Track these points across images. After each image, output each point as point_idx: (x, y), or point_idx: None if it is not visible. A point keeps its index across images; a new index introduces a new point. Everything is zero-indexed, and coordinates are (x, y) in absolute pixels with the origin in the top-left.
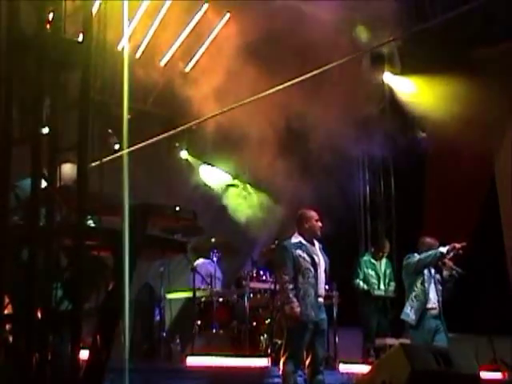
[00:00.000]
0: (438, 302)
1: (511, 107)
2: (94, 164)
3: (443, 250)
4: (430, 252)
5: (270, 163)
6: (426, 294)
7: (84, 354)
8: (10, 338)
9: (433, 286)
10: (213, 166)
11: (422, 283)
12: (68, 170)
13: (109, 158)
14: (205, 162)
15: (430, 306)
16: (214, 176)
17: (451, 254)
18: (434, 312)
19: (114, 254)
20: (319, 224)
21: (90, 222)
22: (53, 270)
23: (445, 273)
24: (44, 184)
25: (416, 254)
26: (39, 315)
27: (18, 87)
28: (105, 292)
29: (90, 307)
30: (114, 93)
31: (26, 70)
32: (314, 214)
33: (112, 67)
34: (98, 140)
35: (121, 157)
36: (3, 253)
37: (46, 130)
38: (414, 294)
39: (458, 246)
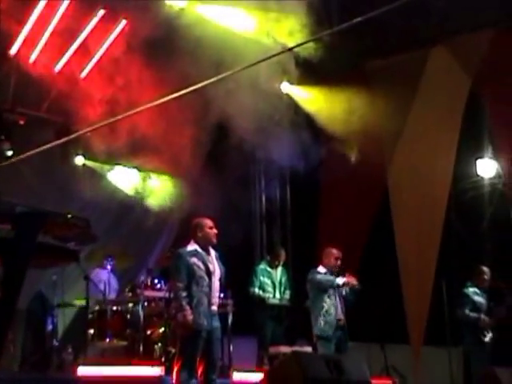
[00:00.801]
0: (343, 313)
1: (402, 119)
2: None
3: (340, 282)
4: (330, 278)
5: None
6: (335, 307)
7: None
8: None
9: (338, 299)
10: (121, 165)
11: (329, 297)
12: None
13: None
14: (113, 163)
15: (338, 317)
16: (123, 176)
17: (346, 287)
18: (341, 323)
19: (2, 262)
20: (214, 231)
21: None
22: None
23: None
24: None
25: (319, 270)
26: None
27: None
28: None
29: None
30: (6, 98)
31: None
32: (207, 222)
33: (4, 72)
34: None
35: (13, 163)
36: None
37: None
38: (324, 309)
39: (353, 283)
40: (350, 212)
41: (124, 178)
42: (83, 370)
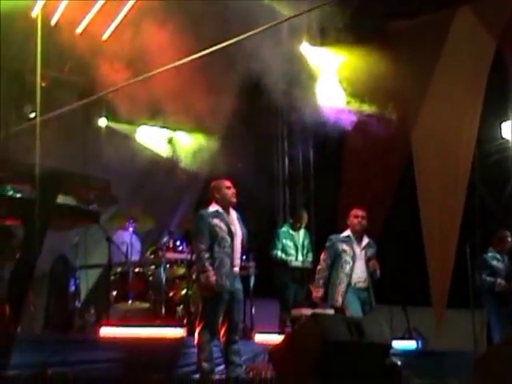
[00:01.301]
0: (366, 275)
1: (426, 82)
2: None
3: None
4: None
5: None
6: (350, 273)
7: None
8: None
9: (359, 262)
10: (146, 125)
11: (342, 267)
12: None
13: (21, 126)
14: (137, 125)
15: (357, 280)
16: (147, 138)
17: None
18: (363, 285)
19: (23, 223)
20: (232, 191)
21: None
22: None
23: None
24: None
25: (343, 234)
26: None
27: None
28: (11, 260)
29: None
30: (28, 60)
31: None
32: (225, 182)
33: (26, 34)
34: (14, 108)
35: (35, 125)
36: None
37: None
38: (338, 279)
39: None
40: (374, 174)
41: (147, 140)
42: (105, 331)
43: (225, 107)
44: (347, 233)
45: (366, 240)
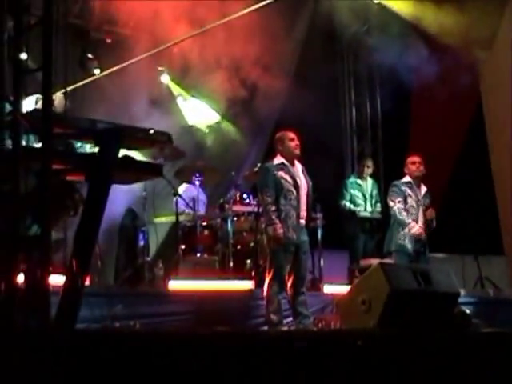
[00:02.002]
0: (424, 224)
1: (496, 22)
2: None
3: (412, 231)
4: (405, 220)
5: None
6: (416, 221)
7: (60, 280)
8: None
9: (420, 211)
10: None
11: (409, 212)
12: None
13: (84, 81)
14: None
15: (416, 229)
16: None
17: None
18: (421, 236)
19: (87, 177)
20: (295, 143)
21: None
22: (20, 196)
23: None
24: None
25: (402, 181)
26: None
27: None
28: (75, 215)
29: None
30: (92, 17)
31: None
32: (288, 134)
33: None
34: (79, 65)
35: (99, 81)
36: None
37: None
38: (401, 226)
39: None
40: (443, 122)
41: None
42: (174, 285)
43: (291, 55)
44: (407, 178)
45: (424, 188)
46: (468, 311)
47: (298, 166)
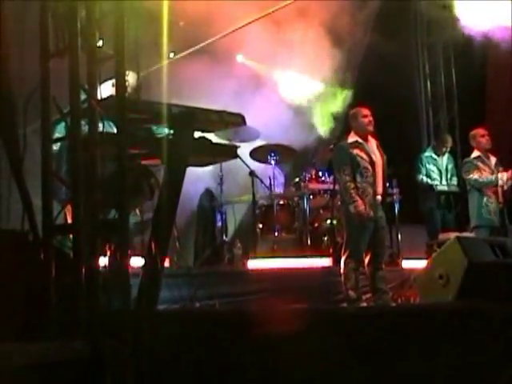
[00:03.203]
0: (502, 197)
1: None
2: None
3: (502, 180)
4: (490, 179)
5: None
6: (495, 193)
7: (139, 262)
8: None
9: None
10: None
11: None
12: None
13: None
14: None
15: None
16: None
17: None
18: (500, 207)
19: (163, 161)
20: (368, 119)
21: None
22: (98, 181)
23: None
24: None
25: (472, 157)
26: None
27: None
28: (151, 199)
29: (143, 218)
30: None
31: None
32: (362, 111)
33: None
34: (153, 48)
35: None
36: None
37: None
38: (485, 198)
39: None
40: None
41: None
42: (253, 264)
43: (365, 26)
44: (476, 153)
45: (493, 158)
46: None
47: (373, 142)
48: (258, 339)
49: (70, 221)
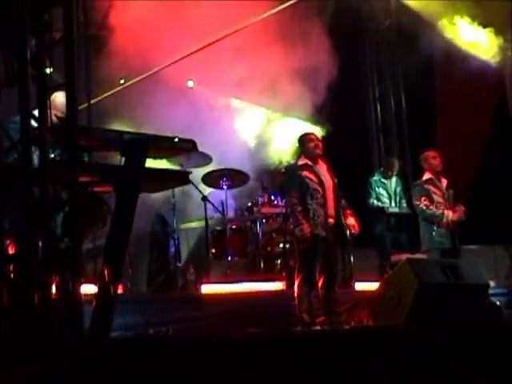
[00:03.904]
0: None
1: None
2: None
3: (447, 217)
4: (436, 214)
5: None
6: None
7: (92, 289)
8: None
9: (448, 205)
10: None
11: (437, 208)
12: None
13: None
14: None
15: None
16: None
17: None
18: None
19: (114, 188)
20: (314, 143)
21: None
22: (48, 209)
23: None
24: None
25: (423, 180)
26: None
27: (1, 29)
28: (104, 226)
29: (95, 245)
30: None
31: (7, 11)
32: (308, 136)
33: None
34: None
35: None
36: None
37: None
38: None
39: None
40: (468, 115)
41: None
42: (207, 288)
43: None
44: (428, 175)
45: (445, 181)
46: (498, 303)
47: (323, 165)
48: (213, 364)
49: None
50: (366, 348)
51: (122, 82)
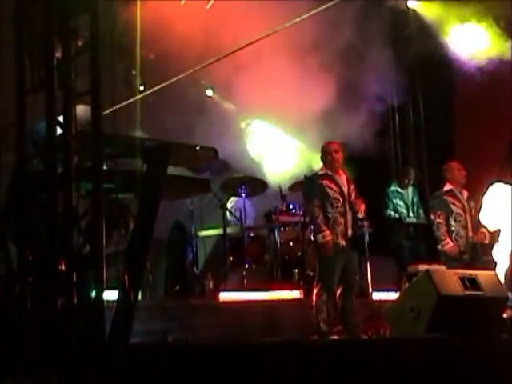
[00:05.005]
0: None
1: None
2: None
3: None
4: (441, 238)
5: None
6: (465, 227)
7: (113, 295)
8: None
9: (468, 216)
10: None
11: (456, 220)
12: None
13: (132, 99)
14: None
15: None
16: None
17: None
18: (472, 241)
19: (136, 195)
20: (334, 155)
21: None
22: (72, 215)
23: None
24: (59, 131)
25: (444, 191)
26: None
27: (28, 36)
28: (126, 233)
29: (117, 250)
30: (135, 35)
31: (35, 17)
32: (331, 147)
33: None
34: (123, 82)
35: (144, 99)
36: (23, 200)
37: None
38: (454, 233)
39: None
40: (488, 126)
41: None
42: (224, 296)
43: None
44: (448, 187)
45: (466, 193)
46: None
47: (343, 175)
48: (231, 372)
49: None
50: (383, 359)
51: (141, 88)
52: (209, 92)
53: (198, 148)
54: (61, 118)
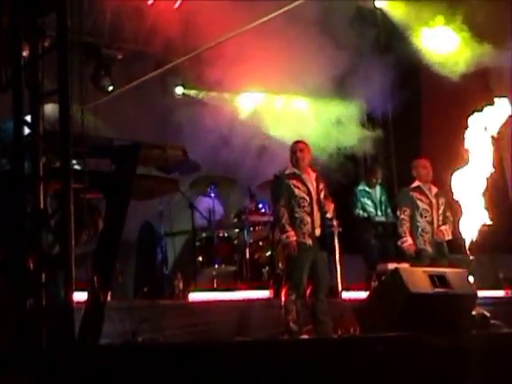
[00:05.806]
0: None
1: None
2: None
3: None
4: (401, 235)
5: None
6: (431, 224)
7: (82, 296)
8: None
9: (435, 211)
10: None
11: (422, 216)
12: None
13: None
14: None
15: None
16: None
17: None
18: (439, 239)
19: (105, 195)
20: (300, 154)
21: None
22: (41, 215)
23: None
24: (27, 130)
25: (411, 187)
26: (30, 261)
27: None
28: (95, 233)
29: (85, 251)
30: (103, 34)
31: (1, 16)
32: (296, 145)
33: (99, 7)
34: (92, 82)
35: (113, 98)
36: None
37: None
38: (419, 229)
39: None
40: (454, 126)
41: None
42: (194, 296)
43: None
44: (416, 183)
45: (434, 189)
46: (486, 312)
47: (312, 174)
48: (201, 372)
49: None
50: (354, 358)
51: (110, 88)
52: (178, 89)
53: (166, 148)
54: (28, 118)
